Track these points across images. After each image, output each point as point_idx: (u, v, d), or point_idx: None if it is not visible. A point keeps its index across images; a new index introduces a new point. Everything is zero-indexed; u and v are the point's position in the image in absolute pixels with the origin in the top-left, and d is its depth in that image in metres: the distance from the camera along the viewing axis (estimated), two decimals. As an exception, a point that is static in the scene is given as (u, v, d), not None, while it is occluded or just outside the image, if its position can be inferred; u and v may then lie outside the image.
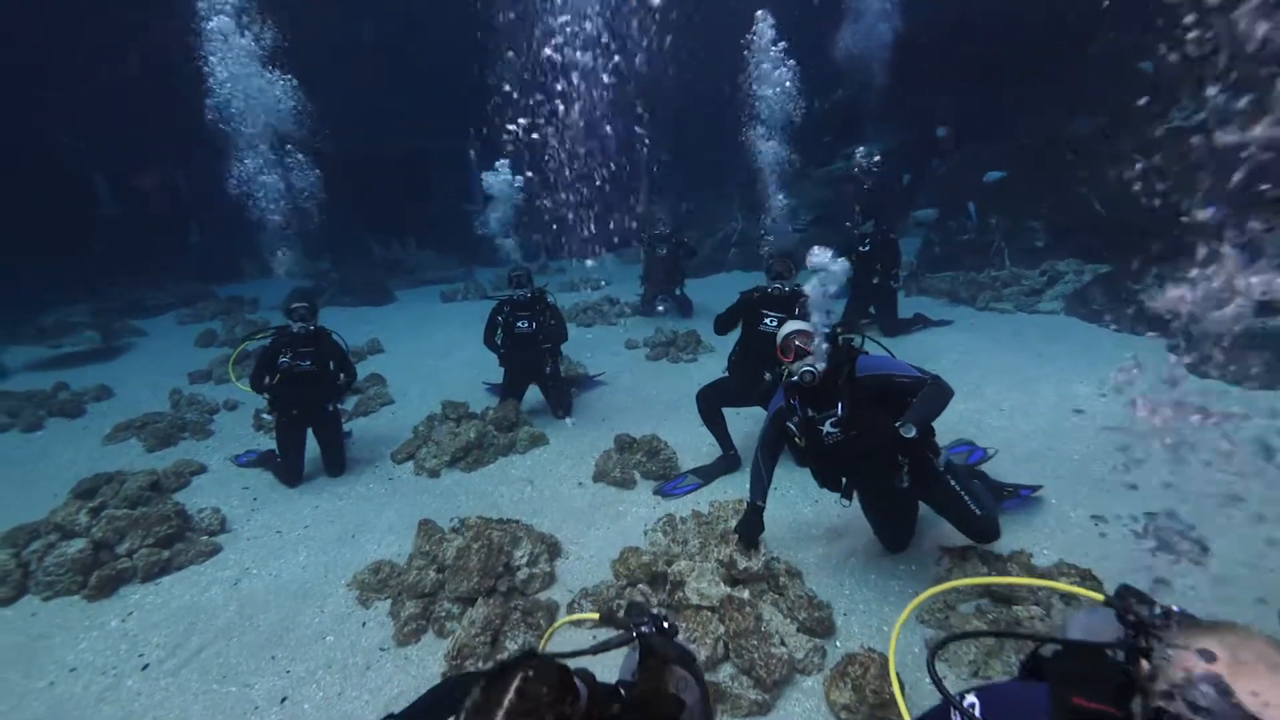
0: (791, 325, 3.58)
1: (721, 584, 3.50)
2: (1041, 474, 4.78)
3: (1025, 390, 6.36)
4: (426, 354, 9.46)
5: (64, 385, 8.57)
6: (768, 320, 5.09)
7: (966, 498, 3.51)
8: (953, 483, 3.52)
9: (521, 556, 3.98)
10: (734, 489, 5.04)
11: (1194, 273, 3.06)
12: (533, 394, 6.85)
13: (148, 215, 16.82)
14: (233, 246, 16.74)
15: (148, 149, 16.48)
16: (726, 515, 4.13)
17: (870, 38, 12.26)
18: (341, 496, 5.43)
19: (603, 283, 13.58)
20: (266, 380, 5.47)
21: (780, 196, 10.15)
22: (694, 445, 5.76)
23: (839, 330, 3.74)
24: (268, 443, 6.47)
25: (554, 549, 4.32)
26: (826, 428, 3.50)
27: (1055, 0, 9.97)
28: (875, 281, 8.72)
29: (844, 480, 3.69)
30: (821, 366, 3.39)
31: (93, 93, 14.60)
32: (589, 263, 13.70)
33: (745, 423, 5.79)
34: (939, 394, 3.38)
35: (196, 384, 8.80)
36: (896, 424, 3.21)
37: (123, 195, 16.92)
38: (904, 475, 3.47)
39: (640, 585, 3.67)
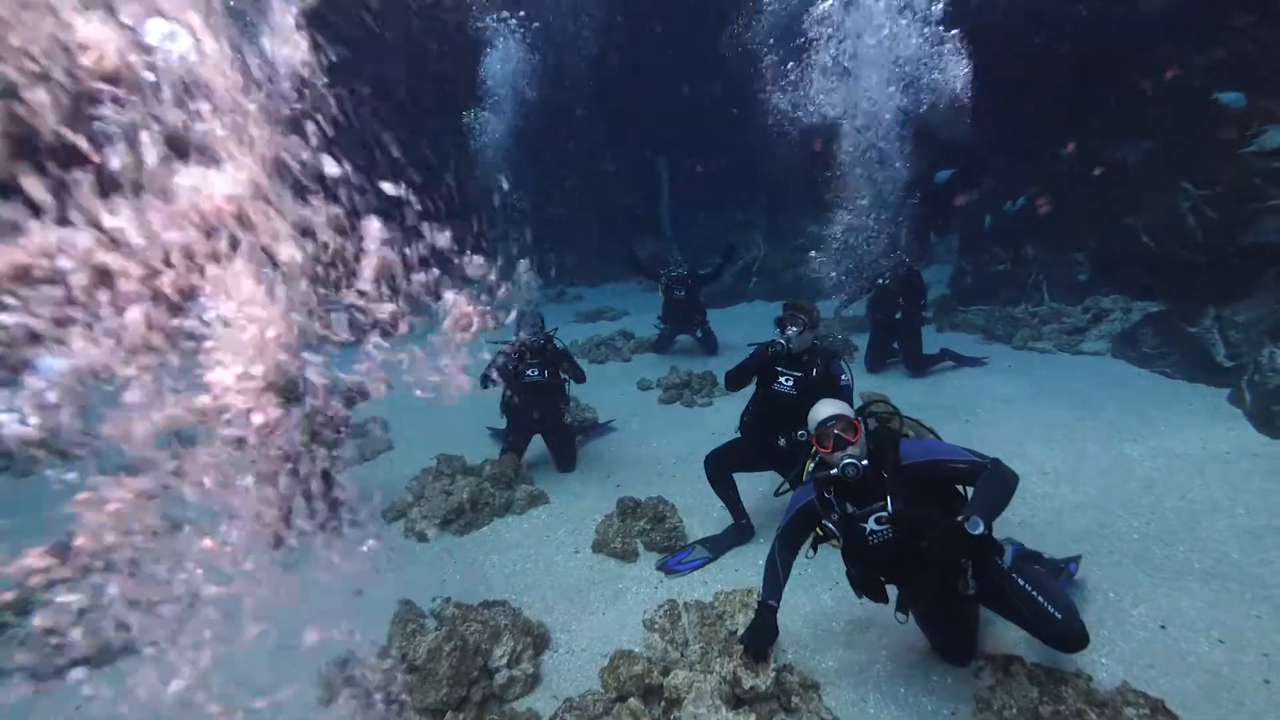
0: (829, 409, 3.11)
1: (723, 708, 3.02)
2: (1095, 558, 4.21)
3: (1071, 448, 5.78)
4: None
5: (65, 424, 8.41)
6: (783, 379, 4.62)
7: (1042, 599, 2.98)
8: (1022, 582, 3.00)
9: (501, 656, 3.54)
10: (745, 566, 4.56)
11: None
12: (537, 442, 6.44)
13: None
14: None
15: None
16: (733, 609, 3.65)
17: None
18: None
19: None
20: None
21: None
22: (703, 508, 5.30)
23: (871, 411, 3.26)
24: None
25: (540, 641, 3.87)
26: (871, 525, 3.01)
27: (1103, 14, 9.36)
28: (898, 317, 8.21)
29: (888, 585, 3.18)
30: (865, 461, 2.94)
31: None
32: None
33: (761, 481, 5.32)
34: (1003, 480, 2.87)
35: (197, 423, 8.56)
36: (960, 518, 2.70)
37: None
38: (969, 579, 2.96)
39: (631, 700, 3.20)
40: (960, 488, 3.13)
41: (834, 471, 3.00)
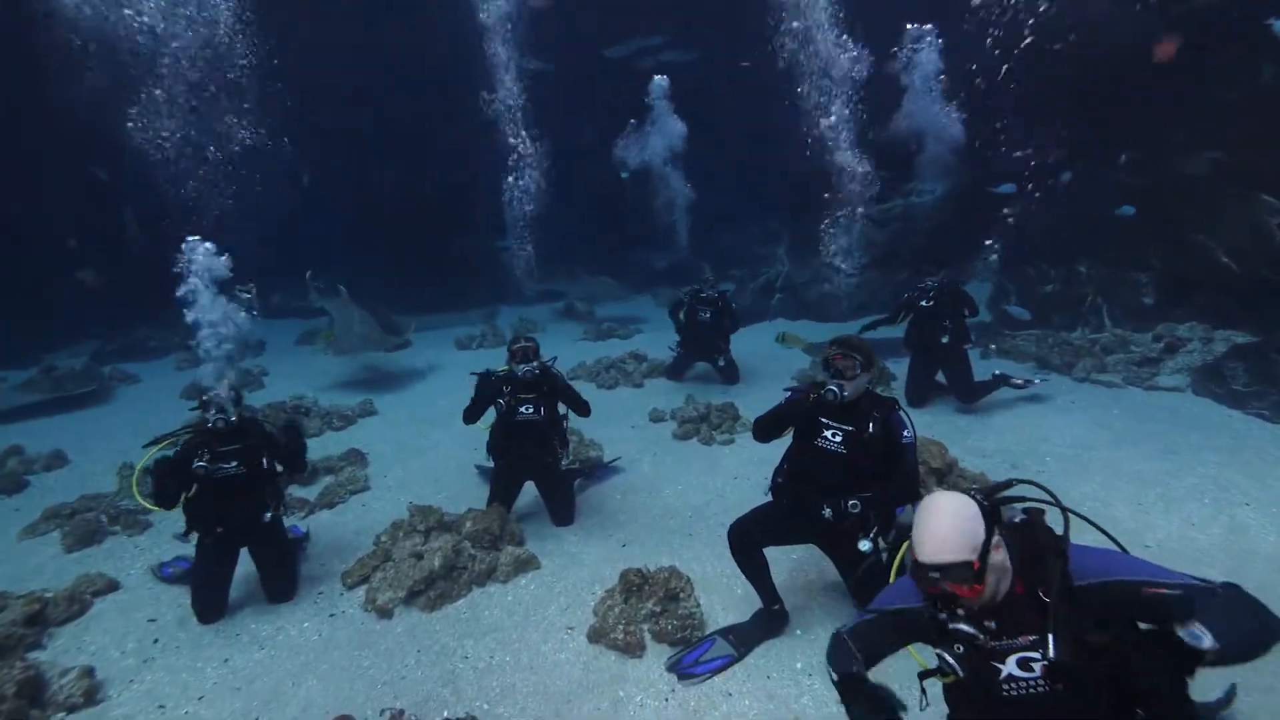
0: (941, 546, 1.89)
1: None
2: (1239, 677, 3.22)
3: (1171, 513, 4.79)
4: (420, 421, 8.23)
5: (18, 449, 7.62)
6: (829, 434, 3.67)
7: None
8: None
9: (455, 820, 2.62)
10: (778, 669, 3.61)
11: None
12: (530, 488, 5.53)
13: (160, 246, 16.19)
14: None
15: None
16: (769, 757, 2.72)
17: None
18: (263, 644, 4.15)
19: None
20: (179, 494, 4.28)
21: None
22: (725, 582, 4.38)
23: (998, 500, 2.18)
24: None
25: (513, 784, 2.95)
26: (1011, 668, 1.97)
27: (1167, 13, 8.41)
28: (946, 341, 7.19)
29: None
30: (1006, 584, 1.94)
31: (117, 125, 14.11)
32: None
33: (794, 549, 4.39)
34: (1252, 613, 1.78)
35: (160, 452, 7.75)
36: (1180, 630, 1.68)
37: (143, 228, 16.30)
38: None
39: None
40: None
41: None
